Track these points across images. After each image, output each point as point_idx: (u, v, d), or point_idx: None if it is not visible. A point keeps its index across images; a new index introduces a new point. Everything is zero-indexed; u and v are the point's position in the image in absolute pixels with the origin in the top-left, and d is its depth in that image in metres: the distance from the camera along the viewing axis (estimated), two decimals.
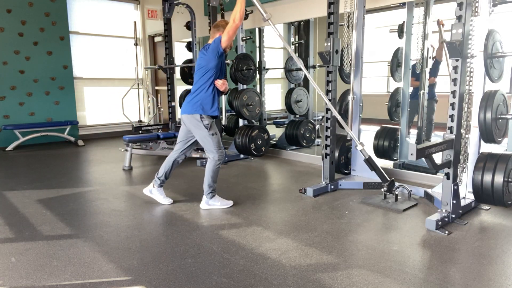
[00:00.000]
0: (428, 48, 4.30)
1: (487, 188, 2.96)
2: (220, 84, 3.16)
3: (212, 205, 3.31)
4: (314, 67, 5.97)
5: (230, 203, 3.37)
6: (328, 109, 3.74)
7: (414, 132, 4.63)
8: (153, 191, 3.44)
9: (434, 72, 4.51)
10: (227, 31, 3.04)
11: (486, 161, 3.00)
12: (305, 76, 5.92)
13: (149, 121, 7.96)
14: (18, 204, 3.49)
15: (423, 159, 2.72)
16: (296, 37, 6.26)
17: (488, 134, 2.98)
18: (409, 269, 2.26)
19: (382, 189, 3.43)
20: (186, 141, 3.34)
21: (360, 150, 3.28)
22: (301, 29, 6.16)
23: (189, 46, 6.21)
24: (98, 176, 4.56)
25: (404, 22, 4.39)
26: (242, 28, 5.47)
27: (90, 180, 4.43)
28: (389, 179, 3.38)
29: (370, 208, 3.32)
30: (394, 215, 3.16)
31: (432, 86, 4.54)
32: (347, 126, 3.45)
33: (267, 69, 5.96)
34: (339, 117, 3.36)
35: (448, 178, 2.90)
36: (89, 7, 7.42)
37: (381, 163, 4.50)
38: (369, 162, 3.31)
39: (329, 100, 3.71)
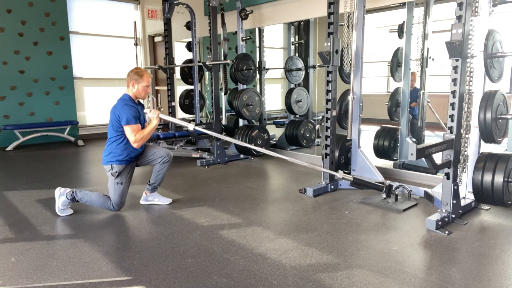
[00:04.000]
0: (428, 48, 4.30)
1: (487, 188, 2.96)
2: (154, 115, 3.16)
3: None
4: (314, 67, 5.97)
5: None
6: (328, 109, 3.74)
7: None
8: (148, 198, 3.45)
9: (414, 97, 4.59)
10: (132, 140, 3.05)
11: (486, 161, 3.00)
12: (305, 76, 5.94)
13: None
14: (18, 204, 3.49)
15: (423, 159, 2.72)
16: (296, 37, 6.26)
17: (488, 134, 2.97)
18: (409, 269, 2.26)
19: (382, 195, 3.42)
20: (150, 160, 3.32)
21: (342, 178, 3.20)
22: (301, 29, 6.16)
23: (189, 46, 6.22)
24: (98, 176, 4.56)
25: (404, 22, 4.40)
26: (242, 28, 5.47)
27: (90, 180, 4.43)
28: (385, 185, 3.33)
29: (370, 208, 3.32)
30: (394, 215, 3.16)
31: (413, 108, 4.63)
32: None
33: (267, 69, 5.96)
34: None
35: (448, 178, 2.90)
36: (89, 7, 7.41)
37: (381, 163, 4.52)
38: (356, 183, 3.25)
39: (329, 100, 3.72)
